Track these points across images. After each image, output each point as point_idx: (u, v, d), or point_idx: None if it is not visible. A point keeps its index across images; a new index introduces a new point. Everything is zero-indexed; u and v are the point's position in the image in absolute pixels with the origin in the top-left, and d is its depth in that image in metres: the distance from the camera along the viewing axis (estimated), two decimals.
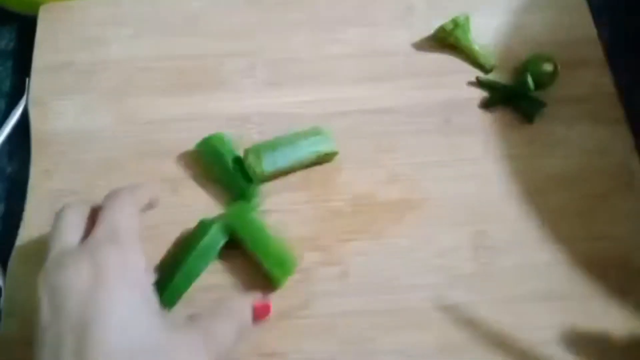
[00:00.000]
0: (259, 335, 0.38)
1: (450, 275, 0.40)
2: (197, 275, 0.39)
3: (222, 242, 0.40)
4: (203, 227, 0.40)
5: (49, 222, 0.42)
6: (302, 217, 0.42)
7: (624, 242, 0.41)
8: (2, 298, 0.40)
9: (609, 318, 0.38)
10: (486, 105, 0.46)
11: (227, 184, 0.42)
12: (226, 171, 0.42)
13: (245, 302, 0.36)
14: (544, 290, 0.39)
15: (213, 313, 0.34)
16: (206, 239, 0.39)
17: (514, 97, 0.45)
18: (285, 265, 0.39)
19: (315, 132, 0.43)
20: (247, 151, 0.42)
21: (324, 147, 0.42)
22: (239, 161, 0.42)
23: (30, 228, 0.42)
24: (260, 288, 0.39)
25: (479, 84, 0.47)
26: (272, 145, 0.42)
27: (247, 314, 0.36)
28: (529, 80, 0.44)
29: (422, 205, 0.42)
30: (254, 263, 0.39)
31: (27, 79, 0.48)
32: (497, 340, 0.38)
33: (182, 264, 0.39)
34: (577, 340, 0.37)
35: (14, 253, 0.41)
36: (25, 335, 0.38)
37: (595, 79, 0.46)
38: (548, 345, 0.38)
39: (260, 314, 0.36)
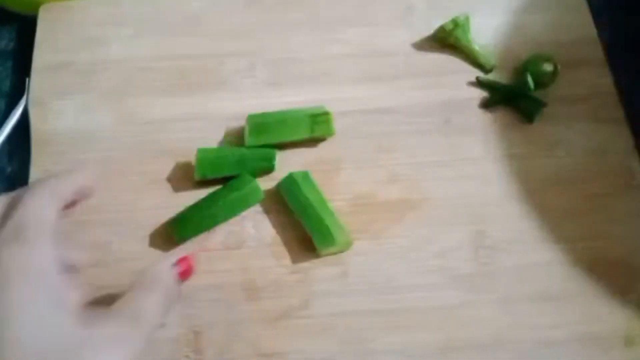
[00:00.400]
0: (259, 335, 0.38)
1: (450, 275, 0.40)
2: (217, 222, 0.41)
3: (256, 201, 0.41)
4: (245, 179, 0.41)
5: None
6: None
7: (624, 242, 0.41)
8: None
9: (609, 318, 0.38)
10: (486, 105, 0.46)
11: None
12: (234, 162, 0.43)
13: (164, 265, 0.33)
14: (543, 290, 0.39)
15: (133, 289, 0.32)
16: (243, 191, 0.41)
17: (514, 97, 0.45)
18: (329, 235, 0.40)
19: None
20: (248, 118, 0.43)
21: (316, 111, 0.44)
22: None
23: None
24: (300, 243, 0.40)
25: (479, 84, 0.46)
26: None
27: (170, 278, 0.33)
28: (529, 80, 0.44)
29: (422, 205, 0.42)
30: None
31: (27, 79, 0.48)
32: (497, 340, 0.38)
33: (207, 207, 0.41)
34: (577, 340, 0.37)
35: None
36: None
37: (595, 79, 0.46)
38: (548, 345, 0.38)
39: (183, 272, 0.33)
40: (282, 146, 0.44)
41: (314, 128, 0.43)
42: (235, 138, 0.44)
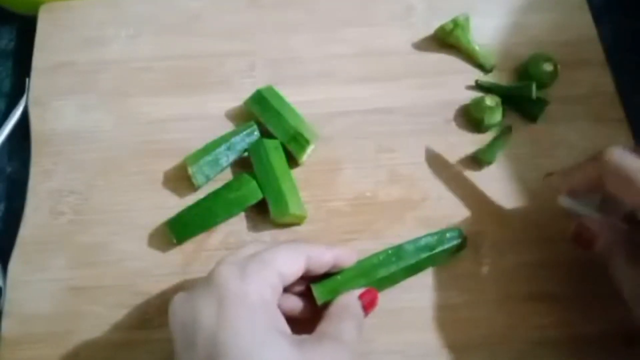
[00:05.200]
0: None
1: (450, 275, 0.40)
2: (217, 222, 0.41)
3: (255, 201, 0.41)
4: (243, 180, 0.41)
5: (49, 222, 0.42)
6: None
7: None
8: (2, 298, 0.40)
9: (608, 318, 0.38)
10: None
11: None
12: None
13: (353, 296, 0.36)
14: (543, 290, 0.39)
15: (330, 318, 0.34)
16: (242, 191, 0.41)
17: (516, 99, 0.45)
18: (299, 139, 0.42)
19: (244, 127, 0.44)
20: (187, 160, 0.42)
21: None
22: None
23: (30, 228, 0.42)
24: None
25: (479, 87, 0.46)
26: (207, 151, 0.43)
27: (359, 307, 0.35)
28: (533, 88, 0.43)
29: (422, 205, 0.42)
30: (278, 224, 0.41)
31: (27, 79, 0.48)
32: (497, 340, 0.38)
33: (207, 208, 0.41)
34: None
35: (14, 253, 0.41)
36: (25, 335, 0.39)
37: (595, 79, 0.46)
38: (548, 345, 0.38)
39: (368, 304, 0.36)
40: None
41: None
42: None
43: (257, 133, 0.43)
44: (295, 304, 0.36)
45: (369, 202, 0.42)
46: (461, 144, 0.44)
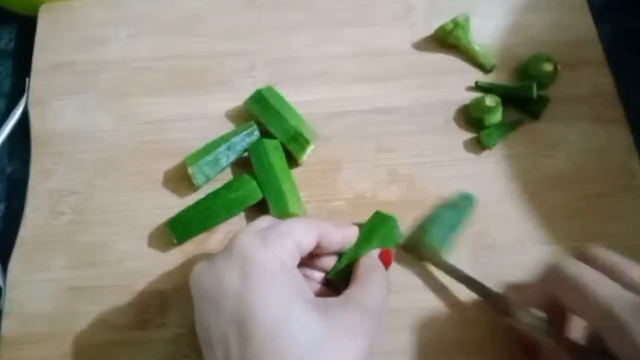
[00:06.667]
0: None
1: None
2: (217, 222, 0.41)
3: (255, 201, 0.41)
4: (243, 180, 0.41)
5: (49, 222, 0.42)
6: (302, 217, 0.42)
7: (624, 242, 0.41)
8: (2, 298, 0.40)
9: None
10: None
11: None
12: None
13: (372, 256, 0.36)
14: None
15: (358, 280, 0.34)
16: (241, 191, 0.41)
17: (516, 99, 0.45)
18: (299, 139, 0.42)
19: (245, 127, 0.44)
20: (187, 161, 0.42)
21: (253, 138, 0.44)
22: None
23: (30, 228, 0.42)
24: None
25: (479, 88, 0.46)
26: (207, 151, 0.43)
27: (382, 265, 0.36)
28: (534, 88, 0.44)
29: (422, 205, 0.42)
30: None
31: (27, 79, 0.48)
32: (497, 341, 0.38)
33: (207, 208, 0.41)
34: None
35: (14, 253, 0.41)
36: (25, 335, 0.39)
37: (595, 79, 0.46)
38: None
39: (386, 260, 0.37)
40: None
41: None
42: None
43: (257, 133, 0.43)
44: (314, 286, 0.36)
45: (369, 202, 0.42)
46: (461, 144, 0.44)
